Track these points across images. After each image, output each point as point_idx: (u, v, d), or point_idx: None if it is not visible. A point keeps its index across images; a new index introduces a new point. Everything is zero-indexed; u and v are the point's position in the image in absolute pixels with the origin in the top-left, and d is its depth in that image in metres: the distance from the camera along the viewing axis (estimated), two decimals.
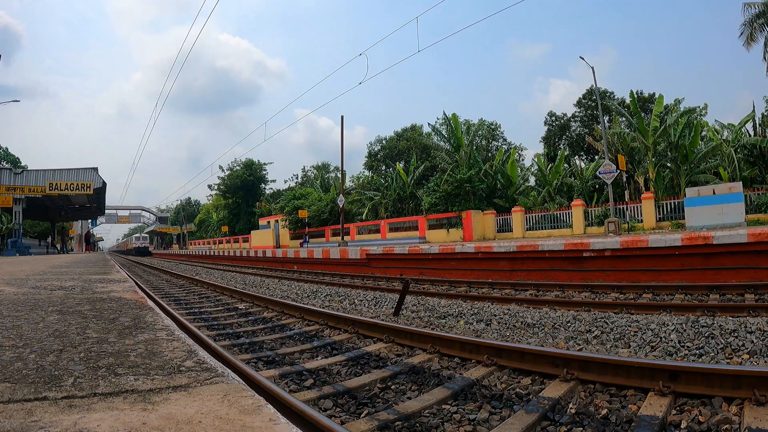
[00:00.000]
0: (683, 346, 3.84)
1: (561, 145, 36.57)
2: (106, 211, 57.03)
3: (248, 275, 14.99)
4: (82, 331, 2.58)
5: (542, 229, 19.62)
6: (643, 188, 22.37)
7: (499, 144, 41.30)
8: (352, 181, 41.44)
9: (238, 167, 47.25)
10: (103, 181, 34.79)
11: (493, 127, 42.00)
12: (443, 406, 2.83)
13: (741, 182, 14.47)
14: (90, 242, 59.57)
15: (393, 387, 3.25)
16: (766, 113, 24.69)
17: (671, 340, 3.99)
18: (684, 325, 4.32)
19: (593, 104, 35.43)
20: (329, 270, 16.94)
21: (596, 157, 29.89)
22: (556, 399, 2.81)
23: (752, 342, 3.72)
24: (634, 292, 7.45)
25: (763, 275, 7.63)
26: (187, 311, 7.30)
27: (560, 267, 10.47)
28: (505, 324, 5.16)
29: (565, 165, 27.95)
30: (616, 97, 36.05)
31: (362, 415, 2.71)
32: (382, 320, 5.49)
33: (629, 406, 2.70)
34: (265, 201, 48.46)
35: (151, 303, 3.96)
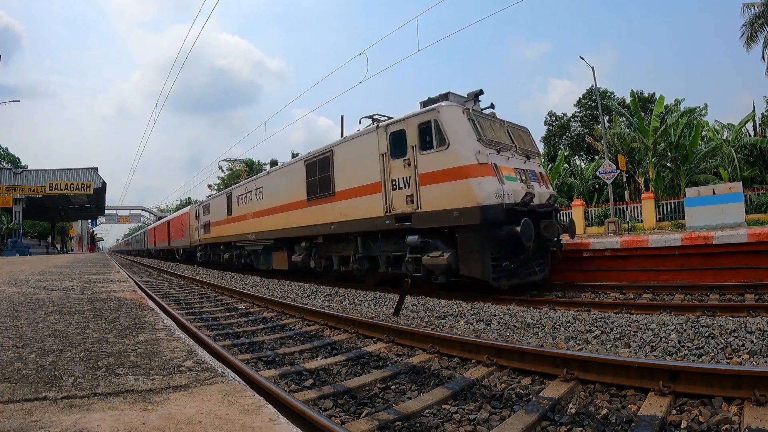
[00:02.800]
0: (683, 346, 3.84)
1: (561, 145, 36.58)
2: (106, 211, 56.67)
3: (248, 275, 14.98)
4: (82, 331, 2.58)
5: None
6: (643, 188, 22.38)
7: None
8: None
9: (238, 167, 47.25)
10: (103, 181, 34.83)
11: None
12: (443, 406, 2.83)
13: (741, 182, 14.48)
14: (94, 242, 58.87)
15: (393, 387, 3.24)
16: (766, 113, 24.70)
17: (671, 340, 3.99)
18: (684, 325, 4.32)
19: (593, 104, 35.43)
20: None
21: (596, 157, 29.89)
22: (556, 399, 2.81)
23: (752, 342, 3.71)
24: (634, 292, 7.45)
25: (763, 275, 7.63)
26: (187, 311, 7.29)
27: (560, 267, 10.45)
28: (505, 324, 5.16)
29: (565, 165, 27.97)
30: (616, 97, 36.06)
31: (362, 415, 2.71)
32: (382, 320, 5.49)
33: (629, 406, 2.70)
34: None
35: (151, 303, 3.97)
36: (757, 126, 22.92)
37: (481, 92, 8.51)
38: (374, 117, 9.05)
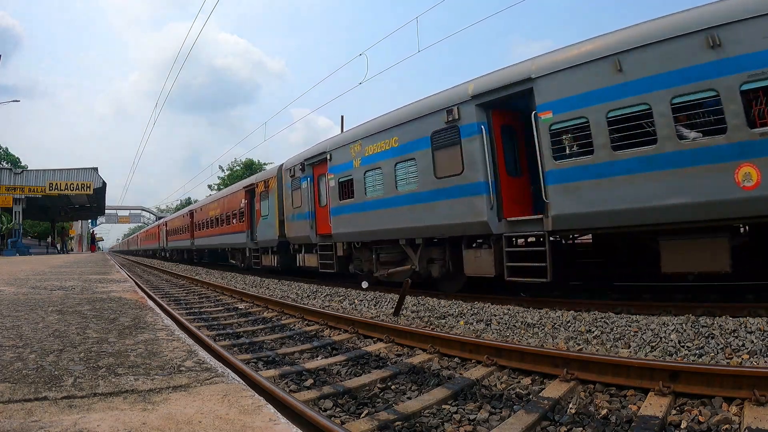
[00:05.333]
0: (683, 346, 3.84)
1: None
2: (106, 211, 56.58)
3: (248, 275, 14.98)
4: (82, 331, 2.59)
5: None
6: None
7: None
8: None
9: (238, 167, 47.22)
10: (103, 181, 34.81)
11: None
12: (443, 406, 2.83)
13: None
14: (94, 242, 58.76)
15: (393, 387, 3.24)
16: None
17: (671, 340, 3.99)
18: (684, 325, 4.32)
19: None
20: None
21: None
22: (556, 399, 2.81)
23: (752, 342, 3.71)
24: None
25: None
26: (187, 311, 7.30)
27: None
28: (505, 324, 5.16)
29: None
30: None
31: (362, 415, 2.71)
32: (382, 320, 5.49)
33: (629, 406, 2.70)
34: None
35: (151, 303, 3.97)
36: None
37: None
38: None
